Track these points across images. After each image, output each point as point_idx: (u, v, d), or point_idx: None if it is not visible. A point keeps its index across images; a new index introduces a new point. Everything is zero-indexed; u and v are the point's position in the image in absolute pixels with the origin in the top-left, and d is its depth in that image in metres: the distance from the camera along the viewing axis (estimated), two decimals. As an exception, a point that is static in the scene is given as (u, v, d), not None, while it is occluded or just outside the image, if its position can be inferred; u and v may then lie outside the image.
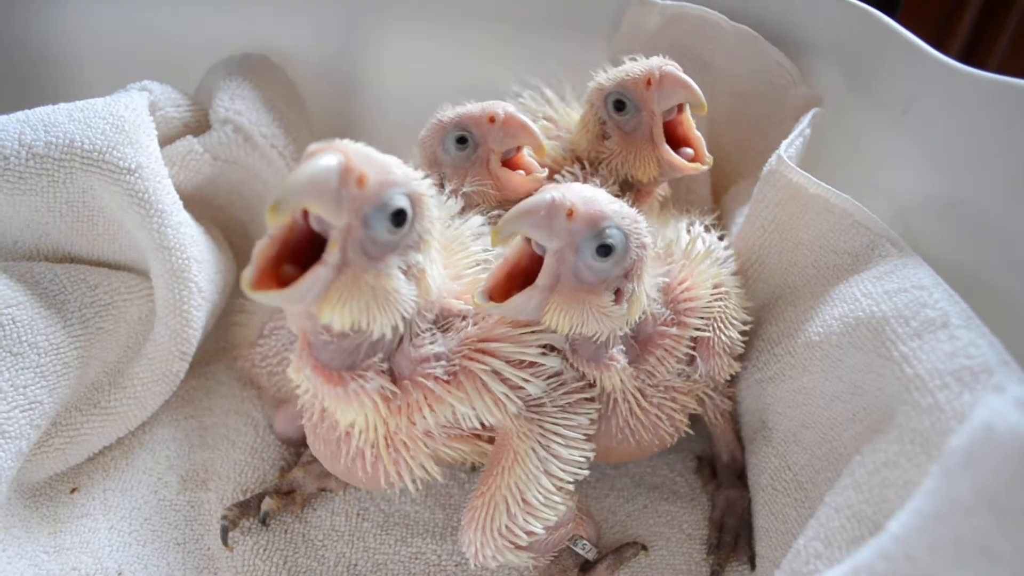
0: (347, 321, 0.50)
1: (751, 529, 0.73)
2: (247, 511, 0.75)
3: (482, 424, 0.60)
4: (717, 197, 0.92)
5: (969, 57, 0.73)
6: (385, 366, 0.57)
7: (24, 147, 0.70)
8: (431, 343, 0.58)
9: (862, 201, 0.66)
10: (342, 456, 0.62)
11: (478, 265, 0.62)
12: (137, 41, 0.99)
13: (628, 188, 0.76)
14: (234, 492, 0.77)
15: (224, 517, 0.73)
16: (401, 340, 0.57)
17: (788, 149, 0.71)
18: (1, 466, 0.65)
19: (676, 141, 0.73)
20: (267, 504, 0.74)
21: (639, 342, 0.66)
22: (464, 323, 0.60)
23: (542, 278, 0.57)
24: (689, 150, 0.73)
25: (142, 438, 0.81)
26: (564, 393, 0.62)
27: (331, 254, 0.48)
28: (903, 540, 0.40)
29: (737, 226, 0.79)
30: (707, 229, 0.75)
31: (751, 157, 0.86)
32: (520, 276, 0.59)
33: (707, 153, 0.73)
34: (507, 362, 0.59)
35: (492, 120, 0.71)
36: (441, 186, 0.72)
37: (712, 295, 0.68)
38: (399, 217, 0.50)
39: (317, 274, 0.48)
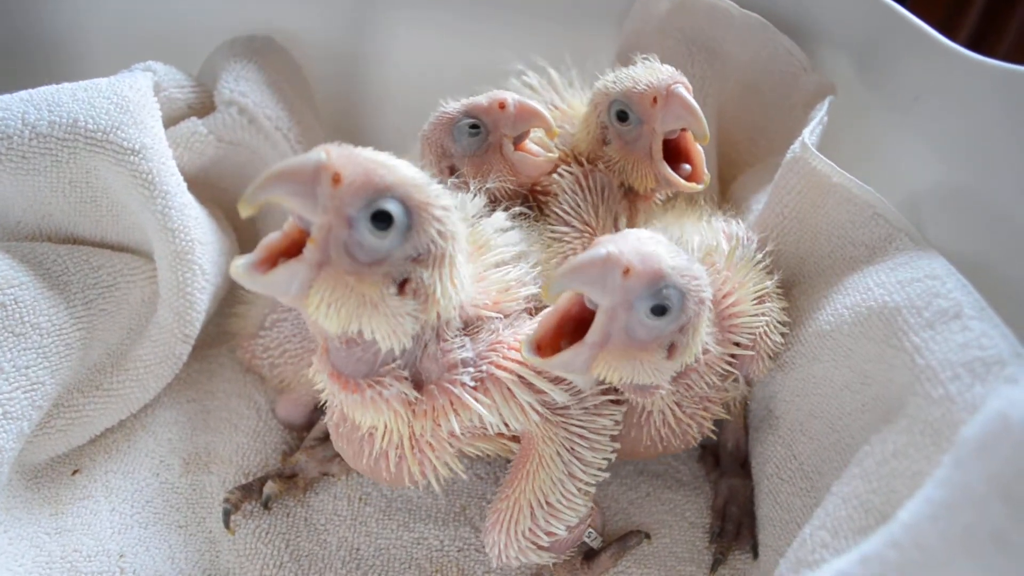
0: (335, 324, 0.50)
1: (754, 518, 0.73)
2: (249, 494, 0.74)
3: (507, 425, 0.59)
4: (724, 185, 0.92)
5: (977, 46, 0.73)
6: (406, 372, 0.56)
7: (27, 126, 0.69)
8: (459, 347, 0.57)
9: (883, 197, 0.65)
10: (364, 456, 0.61)
11: (502, 266, 0.61)
12: (141, 22, 0.98)
13: (628, 191, 0.76)
14: (236, 475, 0.77)
15: (226, 500, 0.73)
16: (427, 345, 0.56)
17: (810, 136, 0.70)
18: (3, 447, 0.65)
19: (676, 155, 0.72)
20: (269, 488, 0.74)
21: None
22: (492, 329, 0.59)
23: (592, 335, 0.54)
24: (688, 167, 0.72)
25: (144, 420, 0.81)
26: (589, 396, 0.61)
27: (309, 250, 0.48)
28: (914, 529, 0.40)
29: (753, 213, 0.78)
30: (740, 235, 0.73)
31: (760, 145, 0.86)
32: (571, 324, 0.56)
33: (705, 172, 0.71)
34: (534, 369, 0.57)
35: (502, 106, 0.70)
36: (452, 172, 0.72)
37: (755, 305, 0.66)
38: (381, 220, 0.48)
39: (291, 267, 0.48)
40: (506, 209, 0.68)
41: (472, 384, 0.57)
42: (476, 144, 0.72)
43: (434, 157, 0.74)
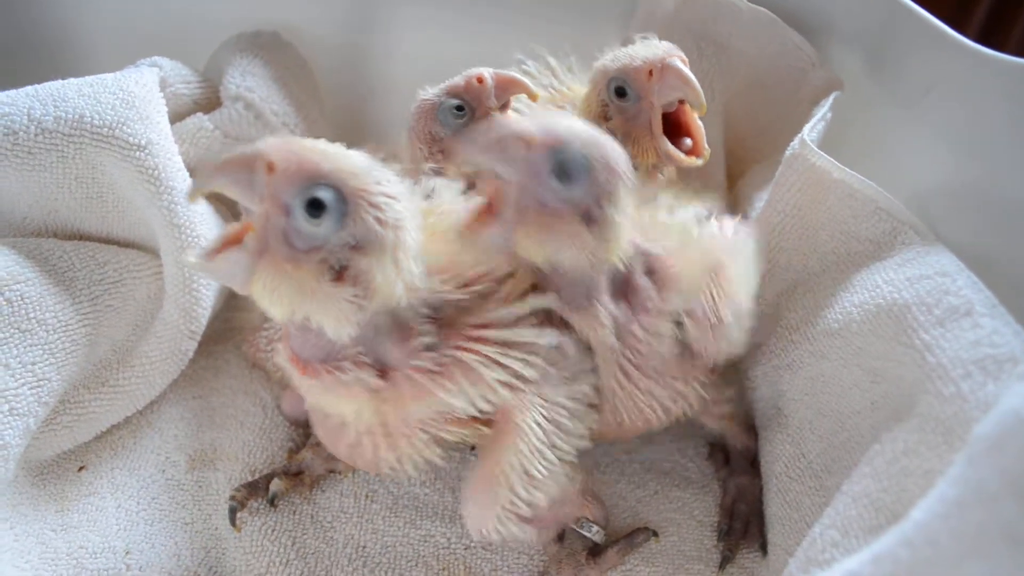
0: (278, 311, 0.51)
1: (763, 516, 0.73)
2: (255, 492, 0.74)
3: (478, 409, 0.59)
4: (732, 181, 0.91)
5: (986, 40, 0.72)
6: (368, 358, 0.56)
7: (33, 122, 0.69)
8: (422, 334, 0.57)
9: (880, 186, 0.65)
10: (341, 443, 0.61)
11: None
12: (147, 17, 0.98)
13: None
14: (242, 472, 0.77)
15: (232, 498, 0.73)
16: (386, 331, 0.56)
17: (811, 133, 0.70)
18: (9, 443, 0.65)
19: (678, 130, 0.72)
20: (275, 485, 0.74)
21: (623, 296, 0.64)
22: (455, 310, 0.58)
23: (504, 208, 0.57)
24: (689, 141, 0.72)
25: (150, 417, 0.81)
26: (565, 363, 0.61)
27: (248, 238, 0.49)
28: (926, 527, 0.39)
29: (756, 210, 0.78)
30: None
31: (768, 141, 0.85)
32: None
33: (706, 146, 0.72)
34: (502, 345, 0.57)
35: (480, 81, 0.72)
36: (447, 157, 0.72)
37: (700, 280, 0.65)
38: (314, 208, 0.48)
39: (233, 255, 0.49)
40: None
41: (436, 369, 0.56)
42: (464, 124, 0.72)
43: (424, 146, 0.74)
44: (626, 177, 0.58)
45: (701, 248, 0.65)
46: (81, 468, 0.76)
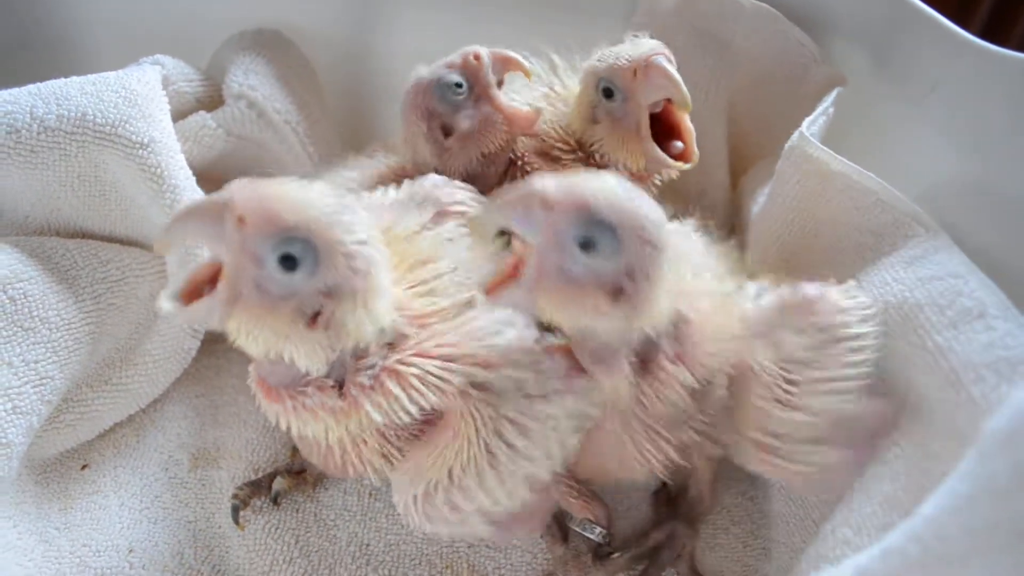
0: (255, 350, 0.52)
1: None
2: (258, 490, 0.74)
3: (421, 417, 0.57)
4: (735, 178, 0.91)
5: (989, 36, 0.72)
6: (331, 381, 0.56)
7: (36, 120, 0.69)
8: (377, 358, 0.56)
9: (886, 183, 0.65)
10: (315, 451, 0.62)
11: (441, 277, 0.60)
12: (149, 15, 0.97)
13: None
14: (245, 471, 0.76)
15: (235, 496, 0.73)
16: (349, 360, 0.56)
17: (811, 127, 0.70)
18: (12, 441, 0.65)
19: (670, 132, 0.71)
20: (278, 483, 0.74)
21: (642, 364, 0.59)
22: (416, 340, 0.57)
23: (526, 272, 0.53)
24: (680, 144, 0.71)
25: (153, 415, 0.81)
26: (538, 381, 0.56)
27: (221, 287, 0.50)
28: (936, 522, 0.39)
29: (758, 206, 0.78)
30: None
31: (771, 137, 0.85)
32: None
33: (695, 150, 0.70)
34: (445, 359, 0.56)
35: (477, 57, 0.71)
36: (446, 134, 0.73)
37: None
38: (287, 262, 0.49)
39: (206, 303, 0.50)
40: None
41: (369, 383, 0.56)
42: (463, 98, 0.72)
43: (423, 122, 0.73)
44: (664, 245, 0.53)
45: (738, 321, 0.60)
46: (84, 466, 0.76)
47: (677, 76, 0.67)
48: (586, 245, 0.51)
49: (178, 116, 0.80)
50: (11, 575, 0.67)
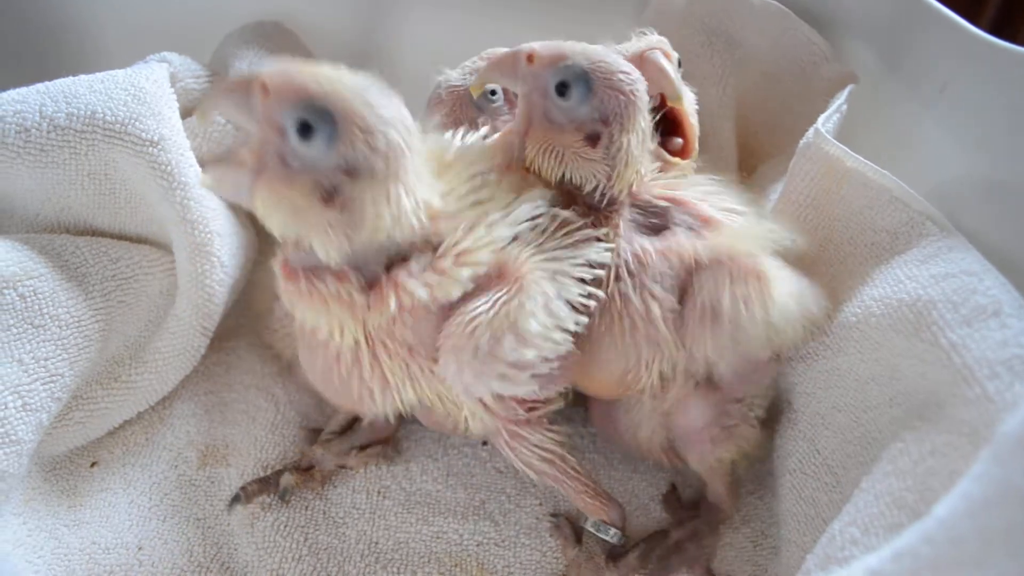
0: (275, 227, 0.53)
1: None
2: (266, 487, 0.74)
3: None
4: (745, 176, 0.91)
5: (998, 33, 0.72)
6: (352, 274, 0.55)
7: (45, 119, 0.69)
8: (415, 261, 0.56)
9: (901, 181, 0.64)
10: (331, 377, 0.61)
11: (473, 180, 0.60)
12: (153, 12, 0.98)
13: None
14: (254, 468, 0.76)
15: (242, 489, 0.73)
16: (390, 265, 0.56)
17: (825, 124, 0.69)
18: (22, 439, 0.65)
19: (673, 129, 0.70)
20: (286, 480, 0.74)
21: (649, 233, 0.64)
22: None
23: (514, 121, 0.62)
24: (679, 140, 0.70)
25: (162, 413, 0.81)
26: (567, 233, 0.60)
27: (247, 157, 0.51)
28: (949, 525, 0.39)
29: (771, 202, 0.77)
30: None
31: (780, 136, 0.85)
32: None
33: (695, 147, 0.70)
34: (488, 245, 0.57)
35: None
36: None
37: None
38: (305, 129, 0.49)
39: (234, 173, 0.52)
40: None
41: (405, 281, 0.55)
42: (498, 105, 0.72)
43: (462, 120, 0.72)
44: (634, 99, 0.60)
45: (756, 243, 0.63)
46: (93, 464, 0.77)
47: (669, 69, 0.66)
48: (561, 88, 0.59)
49: (186, 113, 0.80)
50: (21, 572, 0.67)
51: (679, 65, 0.70)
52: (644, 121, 0.62)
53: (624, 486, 0.77)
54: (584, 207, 0.63)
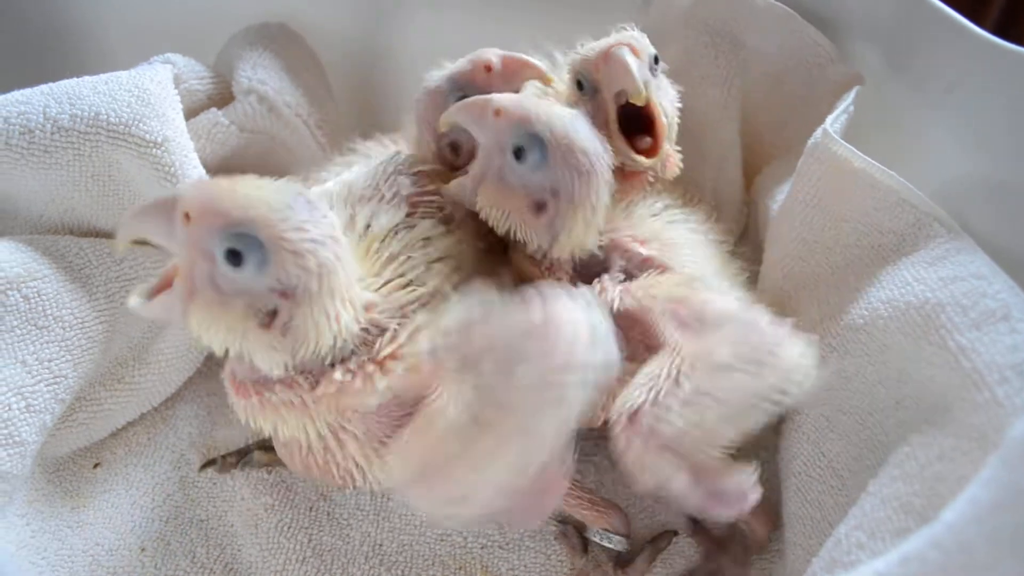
0: (216, 346, 0.52)
1: None
2: (242, 457, 0.76)
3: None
4: (749, 178, 0.91)
5: (1002, 34, 0.71)
6: (300, 377, 0.55)
7: (49, 120, 0.69)
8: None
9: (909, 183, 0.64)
10: (297, 457, 0.61)
11: (401, 277, 0.59)
12: (157, 13, 0.98)
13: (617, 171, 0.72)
14: (257, 470, 0.76)
15: (221, 457, 0.75)
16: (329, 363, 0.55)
17: (833, 124, 0.69)
18: (26, 440, 0.65)
19: (646, 125, 0.68)
20: (258, 456, 0.75)
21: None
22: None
23: (473, 167, 0.62)
24: (648, 139, 0.68)
25: (165, 414, 0.81)
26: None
27: (176, 283, 0.51)
28: (958, 530, 0.39)
29: (777, 204, 0.77)
30: None
31: (785, 137, 0.85)
32: None
33: (664, 147, 0.68)
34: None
35: (488, 69, 0.68)
36: (455, 152, 0.70)
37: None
38: (233, 257, 0.49)
39: (165, 299, 0.51)
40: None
41: (345, 378, 0.55)
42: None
43: (431, 137, 0.71)
44: (592, 174, 0.59)
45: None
46: (96, 465, 0.77)
47: (631, 64, 0.64)
48: (517, 153, 0.59)
49: (190, 114, 0.80)
50: (25, 573, 0.67)
51: (656, 61, 0.69)
52: (599, 197, 0.61)
53: (626, 488, 0.76)
54: (530, 258, 0.64)
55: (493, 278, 0.62)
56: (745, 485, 0.55)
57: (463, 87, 0.69)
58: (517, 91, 0.70)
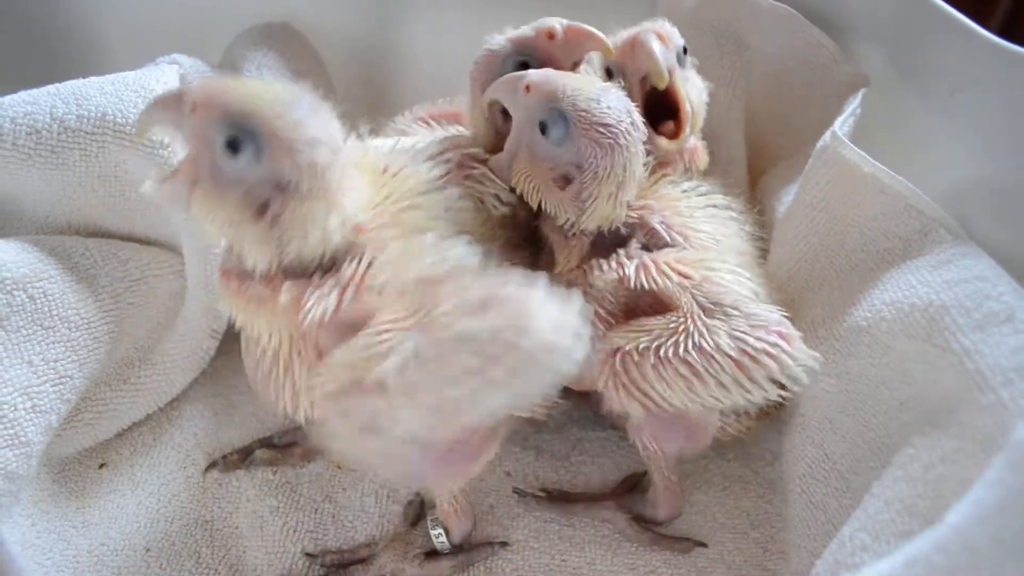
0: (212, 234, 0.54)
1: None
2: (245, 457, 0.76)
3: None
4: (754, 179, 0.91)
5: (1007, 35, 0.71)
6: (280, 276, 0.55)
7: (56, 121, 0.69)
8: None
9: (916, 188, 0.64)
10: (256, 366, 0.61)
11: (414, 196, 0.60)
12: (163, 14, 0.98)
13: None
14: (263, 471, 0.77)
15: (222, 458, 0.76)
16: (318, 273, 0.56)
17: (842, 127, 0.69)
18: (32, 440, 0.65)
19: (673, 110, 0.68)
20: (260, 454, 0.76)
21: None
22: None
23: (507, 142, 0.63)
24: (671, 123, 0.68)
25: (171, 415, 0.81)
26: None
27: (182, 168, 0.53)
28: (963, 532, 0.39)
29: (783, 205, 0.77)
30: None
31: (791, 138, 0.85)
32: None
33: (685, 130, 0.68)
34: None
35: (551, 36, 0.67)
36: (506, 117, 0.67)
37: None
38: (231, 145, 0.51)
39: (171, 184, 0.53)
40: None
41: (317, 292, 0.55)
42: None
43: (483, 99, 0.69)
44: (616, 148, 0.59)
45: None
46: (102, 465, 0.77)
47: (654, 49, 0.65)
48: (543, 128, 0.60)
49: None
50: (31, 573, 0.67)
51: (685, 52, 0.70)
52: (626, 171, 0.61)
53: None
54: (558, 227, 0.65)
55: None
56: None
57: (524, 52, 0.68)
58: (578, 62, 0.69)
